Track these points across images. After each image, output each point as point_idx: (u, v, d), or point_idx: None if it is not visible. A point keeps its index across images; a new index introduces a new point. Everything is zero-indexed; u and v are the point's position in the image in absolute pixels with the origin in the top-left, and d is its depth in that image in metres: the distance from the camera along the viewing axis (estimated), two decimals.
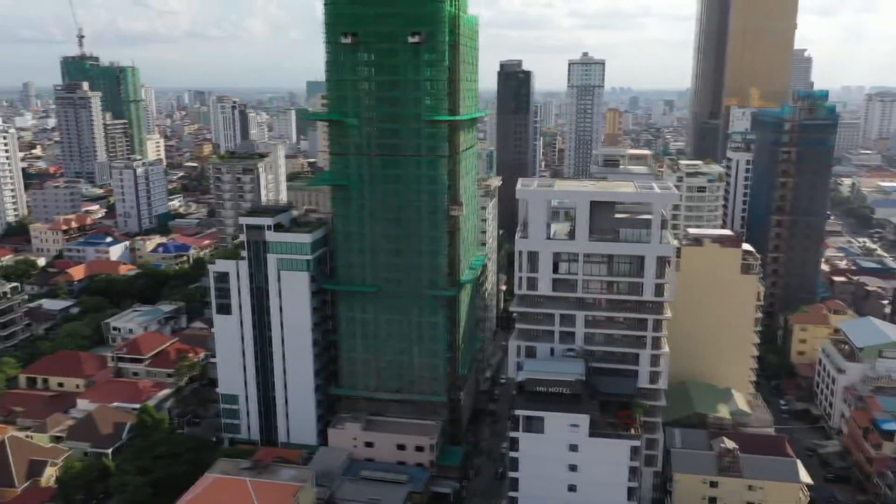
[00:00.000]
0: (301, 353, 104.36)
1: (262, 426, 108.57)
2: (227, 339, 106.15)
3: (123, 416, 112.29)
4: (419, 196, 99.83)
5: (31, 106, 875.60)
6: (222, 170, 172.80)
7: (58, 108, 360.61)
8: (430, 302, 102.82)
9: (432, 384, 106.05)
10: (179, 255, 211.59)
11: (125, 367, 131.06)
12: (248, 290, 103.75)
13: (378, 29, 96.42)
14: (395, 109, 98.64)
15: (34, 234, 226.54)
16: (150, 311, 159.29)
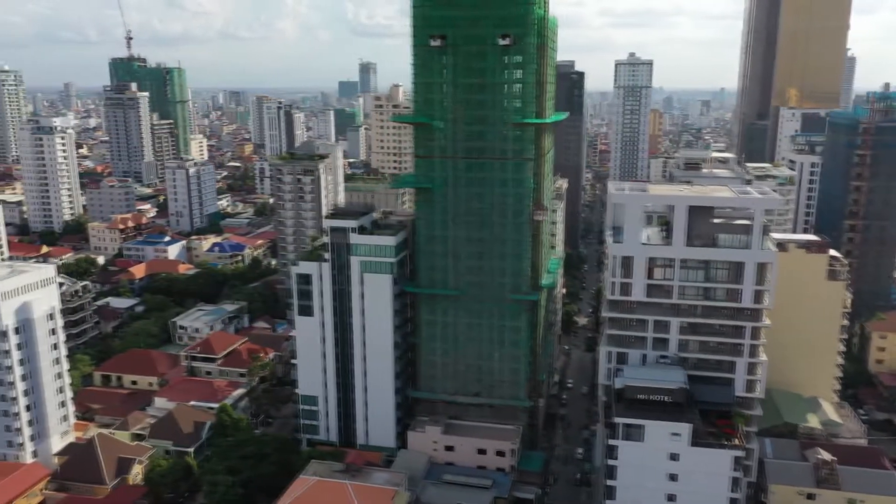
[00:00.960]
0: (382, 355, 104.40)
1: (340, 428, 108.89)
2: (307, 341, 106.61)
3: (203, 416, 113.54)
4: (504, 199, 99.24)
5: (73, 106, 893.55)
6: (283, 171, 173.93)
7: (107, 108, 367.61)
8: (512, 306, 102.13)
9: (512, 388, 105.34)
10: (234, 255, 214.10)
11: (198, 366, 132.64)
12: (330, 293, 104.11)
13: (466, 31, 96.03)
14: (481, 112, 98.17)
15: (92, 233, 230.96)
16: (215, 310, 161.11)
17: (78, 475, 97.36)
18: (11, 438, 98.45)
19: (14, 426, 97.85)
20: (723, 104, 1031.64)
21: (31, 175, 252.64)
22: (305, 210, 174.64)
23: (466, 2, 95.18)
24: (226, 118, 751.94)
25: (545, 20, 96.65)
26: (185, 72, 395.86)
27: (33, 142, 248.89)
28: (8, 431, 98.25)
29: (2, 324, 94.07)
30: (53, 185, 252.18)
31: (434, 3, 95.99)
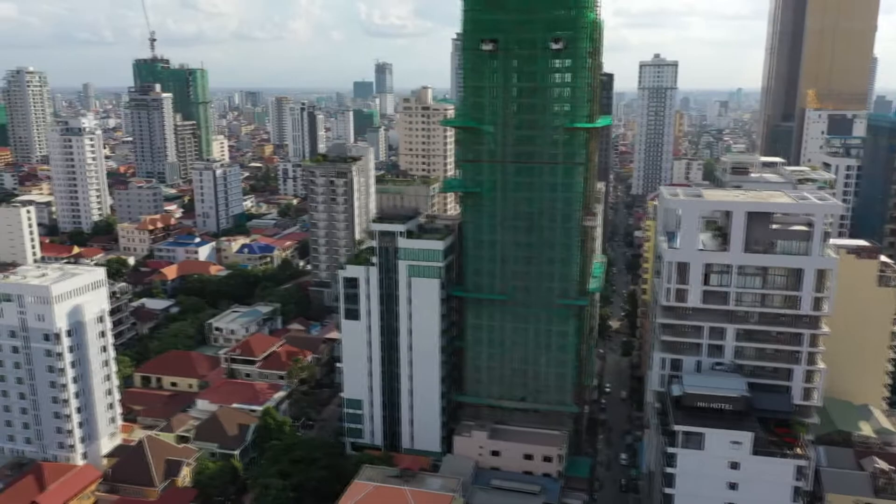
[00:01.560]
0: (428, 359, 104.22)
1: (385, 431, 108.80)
2: (353, 344, 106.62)
3: (246, 418, 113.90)
4: (553, 204, 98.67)
5: (92, 106, 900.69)
6: (315, 173, 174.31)
7: (131, 109, 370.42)
8: (560, 311, 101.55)
9: (559, 394, 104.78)
10: (263, 256, 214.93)
11: (237, 368, 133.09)
12: (377, 296, 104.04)
13: (518, 35, 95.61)
14: (531, 116, 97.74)
15: (122, 234, 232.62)
16: (249, 312, 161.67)
17: (128, 477, 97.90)
18: (63, 440, 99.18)
19: (66, 428, 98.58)
20: (740, 105, 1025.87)
21: (60, 176, 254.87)
22: (338, 213, 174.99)
23: (518, 6, 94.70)
24: (243, 118, 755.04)
25: (597, 24, 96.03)
26: (207, 73, 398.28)
27: (62, 143, 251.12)
28: (59, 433, 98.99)
29: (55, 326, 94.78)
30: (82, 185, 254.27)
31: (485, 7, 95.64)
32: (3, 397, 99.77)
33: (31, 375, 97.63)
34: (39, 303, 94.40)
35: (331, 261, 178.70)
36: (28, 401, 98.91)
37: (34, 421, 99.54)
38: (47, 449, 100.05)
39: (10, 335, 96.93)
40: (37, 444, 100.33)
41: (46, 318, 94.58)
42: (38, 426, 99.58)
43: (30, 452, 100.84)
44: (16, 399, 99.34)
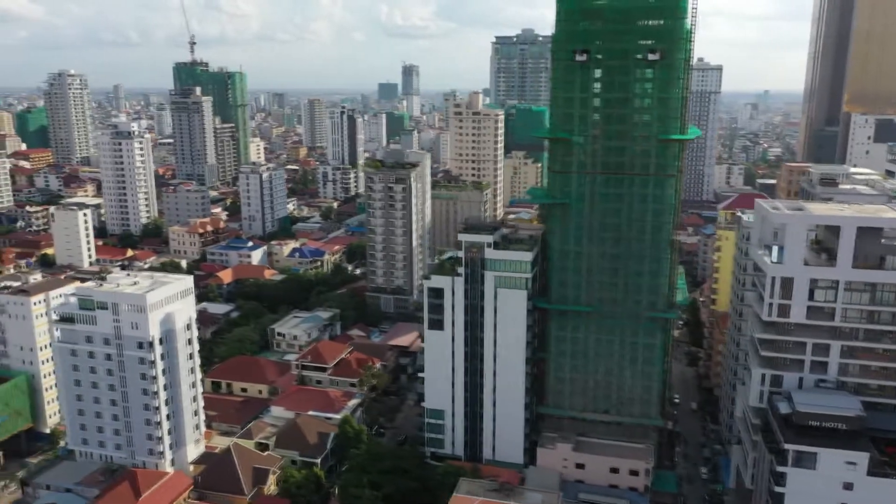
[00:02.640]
0: (513, 370, 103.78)
1: (466, 442, 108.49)
2: (437, 355, 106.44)
3: (325, 426, 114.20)
4: (643, 216, 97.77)
5: (122, 108, 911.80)
6: (374, 179, 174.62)
7: (172, 112, 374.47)
8: (647, 324, 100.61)
9: (644, 406, 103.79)
10: (314, 261, 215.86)
11: (308, 374, 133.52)
12: (462, 307, 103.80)
13: (611, 45, 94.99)
14: (622, 127, 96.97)
15: (172, 237, 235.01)
16: (310, 317, 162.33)
17: (217, 485, 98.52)
18: (153, 447, 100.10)
19: (156, 435, 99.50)
20: (769, 107, 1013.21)
21: (110, 179, 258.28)
22: (395, 218, 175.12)
23: (613, 16, 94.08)
24: (273, 120, 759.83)
25: (692, 34, 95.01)
26: (245, 76, 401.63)
27: (112, 146, 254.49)
28: (150, 440, 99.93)
29: (149, 335, 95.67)
30: (131, 188, 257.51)
31: (579, 18, 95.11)
32: (95, 404, 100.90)
33: (124, 383, 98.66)
34: (134, 311, 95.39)
35: (387, 266, 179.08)
36: (119, 407, 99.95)
37: (125, 427, 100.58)
38: (136, 455, 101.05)
39: (103, 342, 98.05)
40: (126, 450, 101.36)
41: (141, 326, 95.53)
42: (128, 433, 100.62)
43: (119, 458, 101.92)
44: (107, 405, 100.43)
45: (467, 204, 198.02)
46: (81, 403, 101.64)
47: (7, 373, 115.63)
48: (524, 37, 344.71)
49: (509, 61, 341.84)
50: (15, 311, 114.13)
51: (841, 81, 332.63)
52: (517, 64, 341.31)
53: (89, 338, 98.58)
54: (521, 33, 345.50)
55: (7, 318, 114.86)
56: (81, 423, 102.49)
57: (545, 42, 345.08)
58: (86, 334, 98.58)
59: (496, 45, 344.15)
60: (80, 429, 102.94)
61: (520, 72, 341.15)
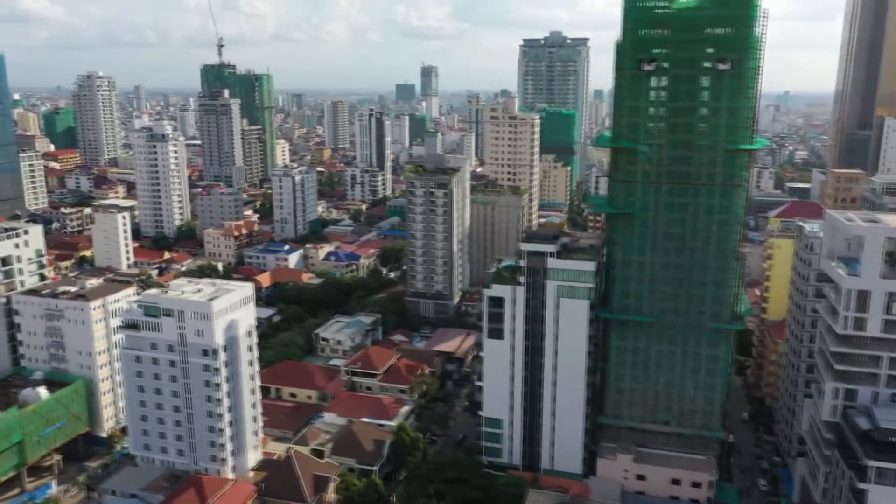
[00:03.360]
0: (573, 380, 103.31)
1: (524, 451, 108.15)
2: (496, 364, 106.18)
3: (381, 433, 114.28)
4: (709, 226, 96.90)
5: (143, 108, 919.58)
6: (415, 184, 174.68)
7: (200, 114, 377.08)
8: (711, 334, 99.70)
9: (706, 418, 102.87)
10: (349, 264, 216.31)
11: (358, 381, 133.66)
12: (522, 316, 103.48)
13: (679, 54, 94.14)
14: (689, 137, 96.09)
15: (207, 239, 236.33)
16: (353, 322, 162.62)
17: (279, 492, 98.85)
18: (215, 453, 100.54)
19: (218, 441, 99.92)
20: (790, 109, 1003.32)
21: (144, 181, 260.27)
22: (436, 223, 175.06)
23: (682, 25, 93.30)
24: (293, 121, 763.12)
25: (763, 42, 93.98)
26: (272, 78, 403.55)
27: (147, 149, 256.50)
28: (212, 446, 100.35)
29: (214, 342, 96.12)
30: (165, 191, 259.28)
31: (647, 26, 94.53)
32: (158, 410, 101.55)
33: (187, 389, 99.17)
34: (199, 319, 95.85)
35: (427, 271, 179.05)
36: (182, 413, 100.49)
37: (187, 434, 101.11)
38: (198, 461, 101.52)
39: (167, 349, 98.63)
40: (189, 456, 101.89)
41: (206, 333, 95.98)
42: (191, 439, 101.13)
43: (180, 464, 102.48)
44: (170, 412, 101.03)
45: (505, 209, 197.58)
46: (144, 409, 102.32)
47: (65, 377, 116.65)
48: (552, 39, 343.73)
49: (537, 64, 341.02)
50: (74, 316, 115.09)
51: (874, 84, 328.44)
52: (545, 67, 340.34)
53: (154, 344, 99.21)
54: (548, 36, 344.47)
55: (66, 323, 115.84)
56: (144, 428, 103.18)
57: (573, 45, 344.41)
58: (150, 341, 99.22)
59: (524, 48, 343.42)
60: (142, 434, 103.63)
61: (548, 75, 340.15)
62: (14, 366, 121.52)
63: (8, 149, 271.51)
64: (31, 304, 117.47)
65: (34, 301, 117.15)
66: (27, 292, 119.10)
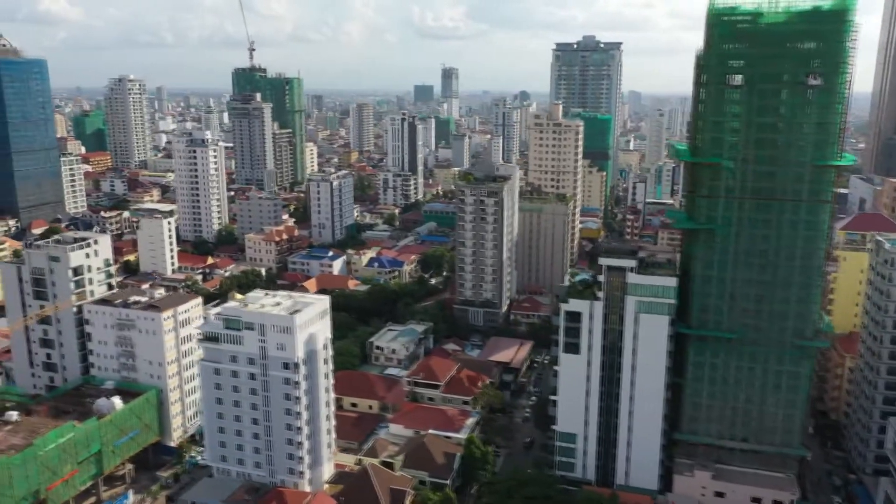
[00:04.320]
0: (651, 396, 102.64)
1: (598, 466, 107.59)
2: (571, 378, 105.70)
3: (450, 446, 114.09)
4: (793, 242, 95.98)
5: (166, 109, 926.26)
6: (465, 192, 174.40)
7: (232, 117, 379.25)
8: (793, 351, 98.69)
9: (786, 436, 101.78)
10: (392, 270, 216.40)
11: (420, 391, 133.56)
12: (600, 331, 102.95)
13: (765, 69, 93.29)
14: (774, 152, 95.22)
15: (248, 244, 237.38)
16: (406, 330, 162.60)
17: None
18: (293, 466, 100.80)
19: (297, 454, 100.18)
20: None
21: (184, 186, 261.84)
22: (486, 232, 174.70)
23: (769, 40, 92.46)
24: (316, 123, 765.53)
25: (853, 57, 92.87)
26: (302, 81, 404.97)
27: (187, 154, 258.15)
28: (290, 459, 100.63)
29: (295, 356, 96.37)
30: (205, 195, 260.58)
31: (734, 41, 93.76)
32: (236, 422, 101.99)
33: (267, 402, 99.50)
34: (281, 332, 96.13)
35: (476, 279, 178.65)
36: (261, 426, 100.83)
37: (265, 446, 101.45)
38: (276, 474, 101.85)
39: (248, 362, 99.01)
40: (266, 468, 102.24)
41: (288, 347, 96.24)
42: (268, 451, 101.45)
43: (257, 476, 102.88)
44: (248, 424, 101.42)
45: (551, 216, 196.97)
46: (222, 421, 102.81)
47: (135, 386, 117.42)
48: (585, 43, 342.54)
49: (570, 68, 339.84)
50: (145, 326, 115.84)
51: None
52: (578, 71, 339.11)
53: (234, 357, 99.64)
54: (581, 40, 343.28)
55: (137, 333, 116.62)
56: (221, 440, 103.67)
57: (606, 49, 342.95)
58: (230, 354, 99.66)
59: (556, 53, 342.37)
60: (219, 446, 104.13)
61: (581, 79, 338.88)
62: (84, 374, 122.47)
63: (49, 153, 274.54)
64: (102, 313, 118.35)
65: (106, 311, 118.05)
66: (98, 302, 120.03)
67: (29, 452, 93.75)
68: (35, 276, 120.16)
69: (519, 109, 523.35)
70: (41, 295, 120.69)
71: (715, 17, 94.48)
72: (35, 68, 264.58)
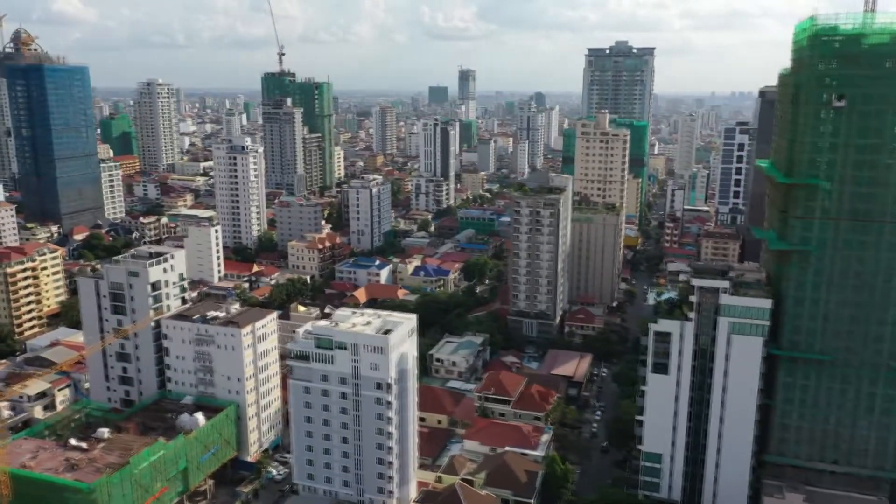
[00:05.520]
0: (742, 417, 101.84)
1: (684, 487, 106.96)
2: (658, 399, 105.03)
3: (530, 464, 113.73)
4: (892, 264, 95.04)
5: (183, 111, 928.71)
6: (521, 203, 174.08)
7: (264, 122, 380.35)
8: (889, 373, 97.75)
9: (878, 458, 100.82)
10: (438, 280, 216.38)
11: (490, 406, 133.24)
12: (690, 352, 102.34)
13: (867, 90, 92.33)
14: (875, 174, 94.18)
15: (291, 252, 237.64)
16: (465, 342, 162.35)
17: None
18: (382, 485, 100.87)
19: (387, 473, 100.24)
20: None
21: (224, 192, 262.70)
22: (542, 243, 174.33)
23: (872, 60, 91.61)
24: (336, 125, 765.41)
25: None
26: (332, 86, 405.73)
27: (227, 160, 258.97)
28: (380, 478, 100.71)
29: (389, 375, 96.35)
30: (245, 202, 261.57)
31: (835, 62, 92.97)
32: (325, 440, 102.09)
33: (357, 421, 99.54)
34: (375, 352, 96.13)
35: (531, 291, 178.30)
36: (350, 445, 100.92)
37: (354, 465, 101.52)
38: (364, 493, 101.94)
39: (339, 381, 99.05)
40: (354, 487, 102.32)
41: (381, 367, 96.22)
42: (358, 470, 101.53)
43: (344, 495, 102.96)
44: (338, 443, 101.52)
45: (602, 226, 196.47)
46: (310, 440, 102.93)
47: (213, 401, 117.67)
48: (617, 49, 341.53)
49: (603, 73, 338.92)
50: (225, 341, 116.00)
51: None
52: (611, 77, 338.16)
53: (325, 376, 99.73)
54: (614, 45, 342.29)
55: (216, 348, 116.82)
56: (309, 458, 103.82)
57: (639, 55, 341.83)
58: (322, 373, 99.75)
59: (589, 58, 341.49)
60: (307, 464, 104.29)
61: (613, 84, 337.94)
62: (159, 388, 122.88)
63: (90, 159, 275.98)
64: (181, 328, 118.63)
65: (184, 326, 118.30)
66: (176, 317, 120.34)
67: (126, 471, 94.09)
68: (113, 290, 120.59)
69: (543, 113, 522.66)
70: (119, 309, 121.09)
71: (813, 38, 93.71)
72: (77, 75, 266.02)
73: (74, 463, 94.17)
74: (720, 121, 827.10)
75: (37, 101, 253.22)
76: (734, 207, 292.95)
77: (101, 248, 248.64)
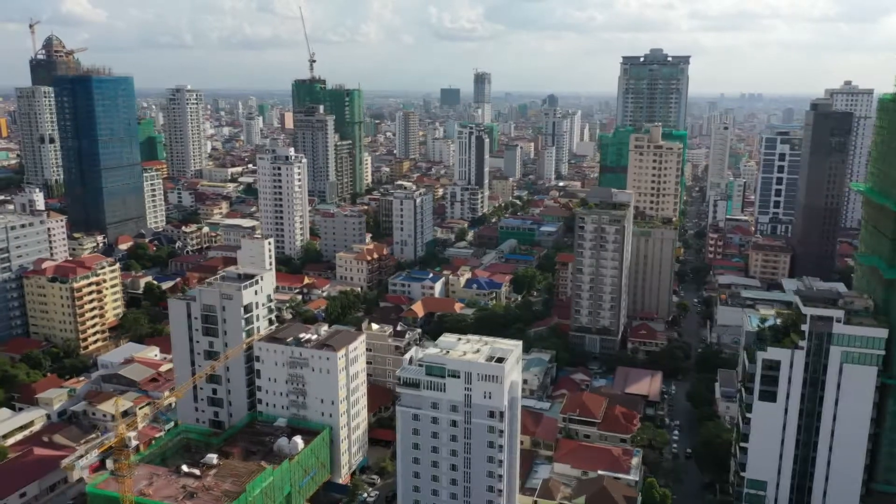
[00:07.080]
0: (852, 446, 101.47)
1: None
2: (765, 426, 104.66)
3: (626, 489, 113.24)
4: None
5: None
6: (586, 219, 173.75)
7: (296, 129, 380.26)
8: None
9: None
10: (490, 292, 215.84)
11: (575, 427, 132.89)
12: (800, 380, 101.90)
13: None
14: None
15: (339, 263, 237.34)
16: (534, 359, 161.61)
17: None
18: None
19: (496, 501, 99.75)
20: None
21: (268, 202, 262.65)
22: (606, 259, 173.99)
23: None
24: None
25: None
26: (362, 93, 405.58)
27: (272, 170, 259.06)
28: None
29: (502, 404, 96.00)
30: (289, 212, 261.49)
31: None
32: (433, 468, 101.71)
33: (467, 449, 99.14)
34: (488, 381, 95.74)
35: (594, 307, 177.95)
36: (459, 472, 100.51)
37: (463, 493, 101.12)
38: None
39: (450, 409, 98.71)
40: None
41: (495, 395, 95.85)
42: (466, 498, 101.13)
43: None
44: (446, 470, 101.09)
45: (660, 241, 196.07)
46: (417, 466, 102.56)
47: (306, 424, 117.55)
48: (653, 57, 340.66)
49: (638, 82, 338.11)
50: (319, 364, 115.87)
51: None
52: (646, 85, 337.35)
53: (435, 404, 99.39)
54: (649, 53, 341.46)
55: (310, 371, 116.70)
56: (416, 485, 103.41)
57: (675, 63, 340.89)
58: (432, 401, 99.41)
59: (624, 66, 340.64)
60: (412, 490, 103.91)
61: (649, 93, 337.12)
62: (248, 410, 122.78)
63: (133, 169, 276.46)
64: (273, 351, 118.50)
65: (277, 349, 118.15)
66: (269, 339, 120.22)
67: (242, 499, 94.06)
68: (205, 312, 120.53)
69: (566, 119, 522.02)
70: (210, 331, 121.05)
71: None
72: (122, 86, 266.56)
73: (192, 491, 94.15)
74: (736, 124, 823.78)
75: (83, 112, 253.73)
76: (774, 217, 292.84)
77: (147, 257, 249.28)
